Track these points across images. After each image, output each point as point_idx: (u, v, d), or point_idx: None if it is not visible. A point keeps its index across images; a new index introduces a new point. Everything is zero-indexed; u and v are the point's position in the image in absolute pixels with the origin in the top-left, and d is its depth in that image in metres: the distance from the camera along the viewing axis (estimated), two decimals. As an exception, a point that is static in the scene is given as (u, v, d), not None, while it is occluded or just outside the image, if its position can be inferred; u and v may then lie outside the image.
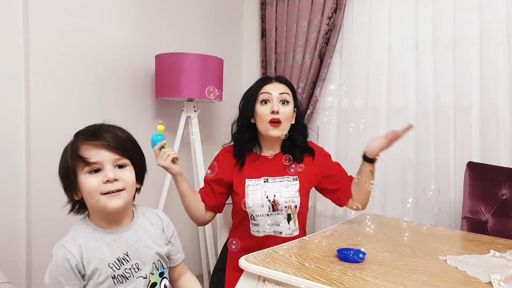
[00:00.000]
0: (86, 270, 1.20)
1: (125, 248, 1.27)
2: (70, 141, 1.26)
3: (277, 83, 1.89)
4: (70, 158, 1.21)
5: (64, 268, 1.18)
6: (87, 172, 1.20)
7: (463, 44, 2.55)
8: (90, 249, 1.21)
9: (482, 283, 1.21)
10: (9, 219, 2.26)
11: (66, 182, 1.24)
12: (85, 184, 1.20)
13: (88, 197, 1.22)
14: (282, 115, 1.81)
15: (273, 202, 1.81)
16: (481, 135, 2.51)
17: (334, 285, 1.15)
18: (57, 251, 1.20)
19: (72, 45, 2.44)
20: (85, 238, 1.23)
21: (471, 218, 2.27)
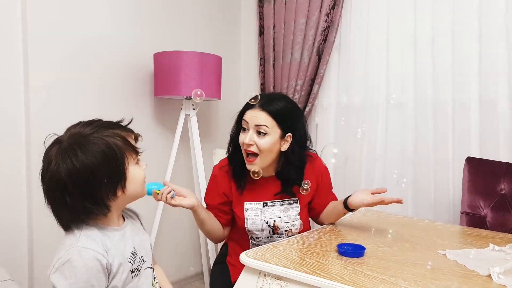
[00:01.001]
0: (113, 268, 1.15)
1: (131, 242, 1.27)
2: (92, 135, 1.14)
3: (258, 110, 1.70)
4: (121, 148, 1.16)
5: (95, 270, 1.10)
6: (136, 162, 1.23)
7: (462, 40, 2.55)
8: (111, 247, 1.17)
9: (481, 276, 1.21)
10: (10, 217, 2.27)
11: (116, 174, 1.16)
12: (139, 174, 1.23)
13: (137, 188, 1.23)
14: (256, 147, 1.69)
15: (273, 227, 1.79)
16: (480, 130, 2.52)
17: (334, 279, 1.15)
18: (82, 254, 1.10)
19: (70, 43, 2.45)
20: (100, 238, 1.16)
21: (470, 213, 2.28)
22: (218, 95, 2.80)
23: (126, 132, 1.22)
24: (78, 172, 1.10)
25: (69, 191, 1.11)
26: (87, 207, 1.12)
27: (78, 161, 1.10)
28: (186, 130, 2.95)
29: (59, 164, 1.11)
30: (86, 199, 1.12)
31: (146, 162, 1.28)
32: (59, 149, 1.13)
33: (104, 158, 1.12)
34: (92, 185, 1.12)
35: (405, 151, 2.80)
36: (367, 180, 2.95)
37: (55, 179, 1.11)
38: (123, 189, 1.18)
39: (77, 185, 1.10)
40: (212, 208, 1.85)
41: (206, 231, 1.83)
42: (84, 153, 1.11)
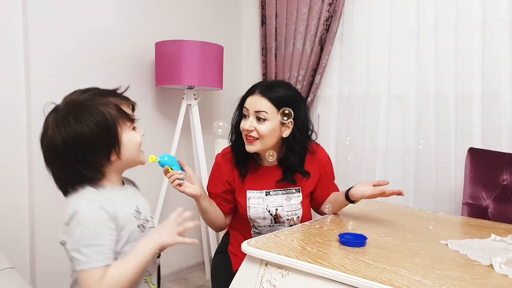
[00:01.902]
0: (119, 220, 1.19)
1: (134, 201, 1.32)
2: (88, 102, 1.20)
3: (258, 96, 1.72)
4: (113, 116, 1.21)
5: (102, 218, 1.15)
6: (132, 128, 1.27)
7: (465, 30, 2.54)
8: (115, 201, 1.21)
9: (483, 266, 1.21)
10: (12, 205, 2.28)
11: (109, 140, 1.20)
12: (134, 139, 1.27)
13: (133, 152, 1.27)
14: (256, 132, 1.70)
15: (275, 215, 1.80)
16: (482, 121, 2.51)
17: (336, 268, 1.15)
18: (89, 204, 1.16)
19: (71, 33, 2.44)
20: (104, 192, 1.22)
21: (472, 203, 2.28)
22: (220, 85, 2.80)
23: (121, 100, 1.27)
24: (72, 139, 1.16)
25: (64, 157, 1.18)
26: (82, 172, 1.19)
27: (71, 129, 1.16)
28: (187, 120, 2.95)
29: (55, 131, 1.18)
30: (81, 165, 1.18)
31: (144, 129, 1.33)
32: (55, 117, 1.20)
33: (96, 126, 1.17)
34: (86, 151, 1.18)
35: (407, 142, 2.80)
36: (368, 171, 2.94)
37: (51, 145, 1.18)
38: (117, 154, 1.23)
39: (71, 151, 1.17)
40: (215, 196, 1.86)
41: (208, 220, 1.83)
42: (76, 121, 1.17)
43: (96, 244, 1.13)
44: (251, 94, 1.75)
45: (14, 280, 1.57)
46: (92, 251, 1.12)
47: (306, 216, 1.88)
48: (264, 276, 1.29)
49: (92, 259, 1.12)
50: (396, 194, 1.63)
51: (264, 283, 1.28)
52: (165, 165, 1.61)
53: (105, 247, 1.14)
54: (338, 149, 3.12)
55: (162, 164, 1.61)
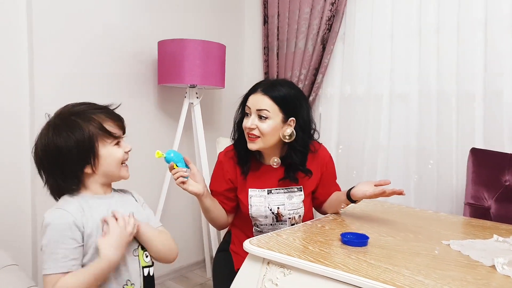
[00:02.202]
0: (86, 228, 1.24)
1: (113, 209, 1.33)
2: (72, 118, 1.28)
3: (260, 95, 1.73)
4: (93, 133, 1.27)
5: (61, 226, 1.21)
6: (113, 144, 1.32)
7: (467, 30, 2.53)
8: (87, 209, 1.27)
9: (486, 266, 1.21)
10: (14, 202, 2.28)
11: (81, 157, 1.27)
12: (114, 155, 1.32)
13: (112, 167, 1.32)
14: (258, 131, 1.72)
15: (277, 214, 1.81)
16: (484, 121, 2.51)
17: (338, 267, 1.15)
18: (53, 213, 1.24)
19: (74, 32, 2.44)
20: (78, 200, 1.29)
21: (474, 204, 2.28)
22: (222, 84, 2.80)
23: (107, 116, 1.33)
24: (49, 149, 1.26)
25: (44, 166, 1.30)
26: (57, 181, 1.29)
27: (50, 140, 1.26)
28: (189, 119, 2.95)
29: (38, 141, 1.29)
30: (57, 174, 1.28)
31: (130, 146, 1.38)
32: (43, 128, 1.31)
33: (73, 140, 1.25)
34: (60, 162, 1.26)
35: (408, 142, 2.79)
36: (369, 171, 2.94)
37: (35, 154, 1.30)
38: (93, 168, 1.29)
39: (48, 160, 1.27)
40: (217, 194, 1.86)
41: (210, 218, 1.84)
42: (55, 134, 1.26)
43: (52, 252, 1.20)
44: (253, 92, 1.76)
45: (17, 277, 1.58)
46: (49, 258, 1.20)
47: (307, 215, 1.88)
48: (266, 275, 1.29)
49: (48, 265, 1.20)
50: (397, 193, 1.63)
51: (266, 282, 1.28)
52: (170, 162, 1.63)
53: (59, 255, 1.20)
54: (339, 148, 3.12)
55: (168, 160, 1.63)
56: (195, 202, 3.23)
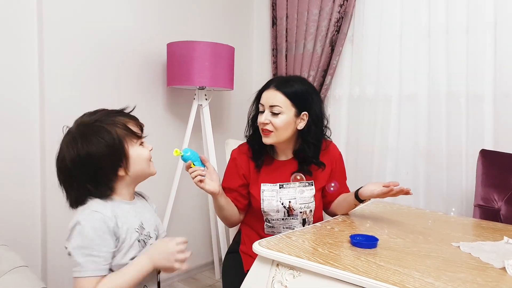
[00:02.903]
0: (121, 233, 1.25)
1: (140, 216, 1.36)
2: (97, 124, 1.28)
3: (272, 91, 1.78)
4: (121, 135, 1.29)
5: (101, 230, 1.20)
6: (139, 144, 1.34)
7: (477, 31, 2.52)
8: (120, 214, 1.27)
9: (496, 268, 1.21)
10: (24, 203, 2.30)
11: (113, 161, 1.28)
12: (143, 154, 1.34)
13: (142, 166, 1.34)
14: (271, 126, 1.77)
15: (288, 208, 1.82)
16: (494, 123, 2.49)
17: (347, 269, 1.15)
18: (90, 215, 1.22)
19: (84, 34, 2.45)
20: (110, 205, 1.28)
21: (483, 205, 2.27)
22: (231, 86, 2.80)
23: (128, 119, 1.34)
24: (80, 158, 1.24)
25: (75, 176, 1.26)
26: (91, 189, 1.26)
27: (80, 149, 1.24)
28: (198, 120, 2.96)
29: (64, 152, 1.26)
30: (90, 182, 1.26)
31: (151, 145, 1.41)
32: (66, 140, 1.28)
33: (104, 145, 1.25)
34: (95, 169, 1.25)
35: (418, 143, 2.79)
36: (378, 171, 2.94)
37: (63, 166, 1.27)
38: (125, 169, 1.30)
39: (81, 170, 1.25)
40: (231, 191, 1.89)
41: (223, 216, 1.87)
42: (84, 141, 1.24)
43: (92, 254, 1.19)
44: (267, 88, 1.82)
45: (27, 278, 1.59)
46: (87, 261, 1.18)
47: (318, 210, 1.90)
48: (276, 277, 1.29)
49: (87, 268, 1.18)
50: (404, 193, 1.64)
51: (276, 284, 1.29)
52: (188, 160, 1.64)
53: (101, 258, 1.20)
54: (348, 149, 3.12)
55: (185, 159, 1.65)
56: (204, 204, 3.24)
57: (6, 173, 2.22)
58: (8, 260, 1.67)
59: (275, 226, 1.85)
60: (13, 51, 2.22)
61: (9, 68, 2.21)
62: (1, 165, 2.21)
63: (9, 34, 2.20)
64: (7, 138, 2.22)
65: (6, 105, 2.21)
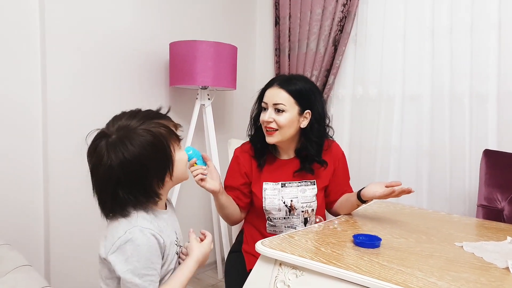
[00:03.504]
0: (166, 248, 1.23)
1: (173, 226, 1.34)
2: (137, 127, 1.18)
3: (276, 89, 1.79)
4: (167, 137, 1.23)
5: (155, 248, 1.17)
6: (179, 147, 1.29)
7: (481, 30, 2.52)
8: (163, 228, 1.24)
9: (499, 268, 1.20)
10: (27, 202, 2.30)
11: (163, 162, 1.22)
12: (183, 157, 1.31)
13: (183, 170, 1.30)
14: (275, 124, 1.77)
15: (290, 207, 1.83)
16: (498, 123, 2.49)
17: (350, 269, 1.15)
18: (144, 232, 1.16)
19: (87, 34, 2.45)
20: (153, 219, 1.23)
21: (487, 205, 2.26)
22: (233, 85, 2.80)
23: (167, 121, 1.27)
24: (131, 164, 1.15)
25: (122, 184, 1.16)
26: (139, 197, 1.19)
27: (129, 153, 1.15)
28: (201, 120, 2.96)
29: (111, 158, 1.15)
30: (138, 190, 1.18)
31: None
32: (108, 143, 1.16)
33: (153, 149, 1.18)
34: (144, 175, 1.18)
35: (421, 143, 2.78)
36: (381, 171, 2.93)
37: (108, 173, 1.15)
38: (171, 175, 1.24)
39: (130, 177, 1.16)
40: (233, 189, 1.89)
41: (225, 214, 1.87)
42: (134, 146, 1.15)
43: (150, 274, 1.16)
44: (270, 86, 1.82)
45: (31, 277, 1.59)
46: (146, 280, 1.15)
47: (320, 209, 1.90)
48: (278, 276, 1.29)
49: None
50: (406, 193, 1.63)
51: (278, 283, 1.28)
52: (192, 158, 1.62)
53: (156, 276, 1.18)
54: (351, 149, 3.12)
55: (189, 157, 1.61)
56: (207, 204, 3.24)
57: (9, 173, 2.23)
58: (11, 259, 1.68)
59: (277, 225, 1.86)
60: (15, 51, 2.22)
61: (11, 68, 2.20)
62: (4, 164, 2.21)
63: (12, 34, 2.20)
64: (10, 138, 2.22)
65: (9, 104, 2.21)
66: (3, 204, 2.21)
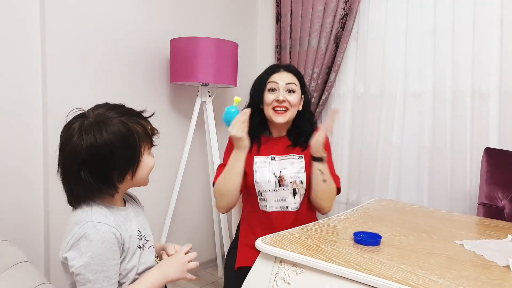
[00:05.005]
0: (125, 242, 1.20)
1: (136, 221, 1.32)
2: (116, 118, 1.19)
3: (284, 72, 1.96)
4: (142, 136, 1.23)
5: (111, 243, 1.15)
6: (149, 152, 1.29)
7: (483, 28, 2.50)
8: (120, 223, 1.22)
9: (500, 266, 1.20)
10: (27, 198, 2.30)
11: (130, 158, 1.21)
12: (150, 163, 1.28)
13: (144, 175, 1.28)
14: (287, 103, 1.90)
15: (279, 178, 1.88)
16: (499, 121, 2.48)
17: (351, 266, 1.15)
18: (97, 228, 1.14)
19: (87, 29, 2.45)
20: (110, 214, 1.21)
21: (487, 204, 2.26)
22: (234, 82, 2.80)
23: (146, 123, 1.28)
24: (99, 148, 1.14)
25: (86, 166, 1.15)
26: (98, 185, 1.17)
27: (101, 138, 1.14)
28: (202, 117, 2.96)
29: (82, 138, 1.14)
30: (99, 176, 1.17)
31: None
32: (83, 124, 1.17)
33: (124, 141, 1.18)
34: (108, 163, 1.17)
35: (422, 141, 2.78)
36: (383, 169, 2.93)
37: (75, 152, 1.15)
38: (132, 174, 1.23)
39: (95, 160, 1.15)
40: None
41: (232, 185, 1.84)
42: (107, 132, 1.15)
43: (104, 270, 1.15)
44: (277, 71, 1.97)
45: (30, 274, 1.59)
46: (99, 276, 1.14)
47: (309, 182, 1.92)
48: (278, 274, 1.29)
49: (99, 284, 1.14)
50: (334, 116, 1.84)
51: (278, 280, 1.28)
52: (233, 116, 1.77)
53: (111, 272, 1.16)
54: (352, 146, 3.11)
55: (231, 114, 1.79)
56: (207, 201, 3.24)
57: (9, 169, 2.23)
58: (11, 255, 1.68)
59: (267, 199, 1.88)
60: (15, 49, 2.21)
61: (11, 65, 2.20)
62: (4, 161, 2.21)
63: (12, 31, 2.19)
64: (10, 134, 2.22)
65: (10, 102, 2.20)
66: (3, 200, 2.21)
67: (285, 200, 1.88)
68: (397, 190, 2.87)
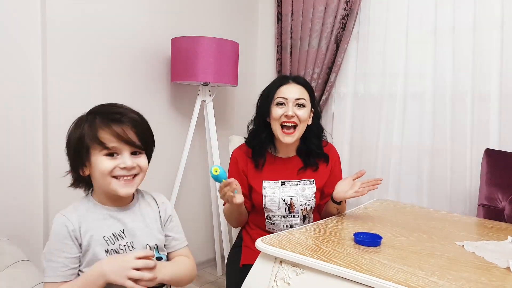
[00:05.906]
0: (83, 239, 1.20)
1: (122, 225, 1.27)
2: (87, 117, 1.23)
3: (293, 84, 1.84)
4: (87, 137, 1.20)
5: (62, 235, 1.18)
6: (103, 154, 1.20)
7: (483, 29, 2.50)
8: (89, 220, 1.23)
9: (500, 268, 1.20)
10: (27, 197, 2.30)
11: (76, 157, 1.23)
12: (99, 165, 1.20)
13: (99, 178, 1.22)
14: (297, 118, 1.79)
15: (290, 205, 1.83)
16: (499, 122, 2.48)
17: (351, 267, 1.15)
18: (57, 219, 1.21)
19: (88, 28, 2.45)
20: (86, 210, 1.25)
21: (487, 205, 2.26)
22: (235, 82, 2.79)
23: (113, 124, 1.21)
24: (67, 138, 1.26)
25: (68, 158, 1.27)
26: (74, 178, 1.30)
27: (69, 130, 1.26)
28: (202, 117, 2.96)
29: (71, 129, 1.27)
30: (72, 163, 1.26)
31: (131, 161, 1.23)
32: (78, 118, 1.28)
33: (73, 137, 1.24)
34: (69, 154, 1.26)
35: (422, 142, 2.78)
36: (383, 170, 2.93)
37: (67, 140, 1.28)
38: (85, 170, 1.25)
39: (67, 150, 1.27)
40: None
41: (239, 220, 1.88)
42: (73, 127, 1.25)
43: (51, 260, 1.18)
44: (285, 83, 1.84)
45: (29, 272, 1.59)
46: (49, 266, 1.18)
47: (318, 208, 1.91)
48: (278, 274, 1.29)
49: (46, 273, 1.18)
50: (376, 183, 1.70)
51: (278, 281, 1.28)
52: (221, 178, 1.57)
53: (59, 264, 1.18)
54: (352, 147, 3.11)
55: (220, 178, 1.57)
56: (207, 200, 3.24)
57: (8, 168, 2.22)
58: (10, 254, 1.68)
59: (275, 223, 1.85)
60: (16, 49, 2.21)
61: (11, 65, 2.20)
62: (4, 159, 2.21)
63: (13, 31, 2.19)
64: (10, 133, 2.22)
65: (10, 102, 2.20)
66: (3, 199, 2.21)
67: (294, 226, 1.83)
68: (397, 190, 2.87)
